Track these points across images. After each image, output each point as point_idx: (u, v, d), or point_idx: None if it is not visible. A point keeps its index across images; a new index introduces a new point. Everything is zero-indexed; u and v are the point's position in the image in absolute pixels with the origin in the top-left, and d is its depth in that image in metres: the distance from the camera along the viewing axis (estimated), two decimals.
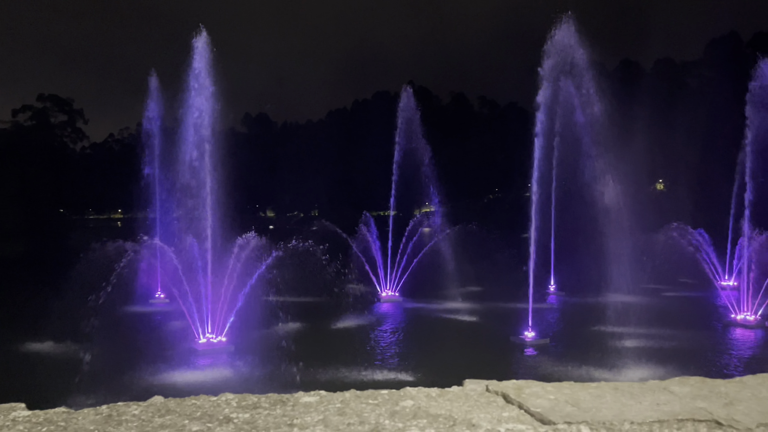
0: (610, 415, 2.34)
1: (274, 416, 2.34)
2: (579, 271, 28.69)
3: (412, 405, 2.46)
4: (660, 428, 2.17)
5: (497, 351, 17.98)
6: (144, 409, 2.43)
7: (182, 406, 2.45)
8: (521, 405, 2.43)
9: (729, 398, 2.48)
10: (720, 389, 2.64)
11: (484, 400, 2.56)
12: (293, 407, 2.45)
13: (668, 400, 2.45)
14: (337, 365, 15.73)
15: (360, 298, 27.19)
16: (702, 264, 28.01)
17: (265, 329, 19.32)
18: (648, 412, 2.34)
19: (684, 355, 16.98)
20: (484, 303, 26.13)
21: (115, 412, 2.39)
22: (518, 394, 2.56)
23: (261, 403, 2.49)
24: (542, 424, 2.24)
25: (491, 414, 2.35)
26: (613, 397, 2.49)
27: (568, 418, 2.26)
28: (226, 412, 2.36)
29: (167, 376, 15.26)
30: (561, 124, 27.96)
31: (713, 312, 25.11)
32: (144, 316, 24.44)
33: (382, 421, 2.29)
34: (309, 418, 2.31)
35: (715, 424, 2.20)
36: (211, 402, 2.49)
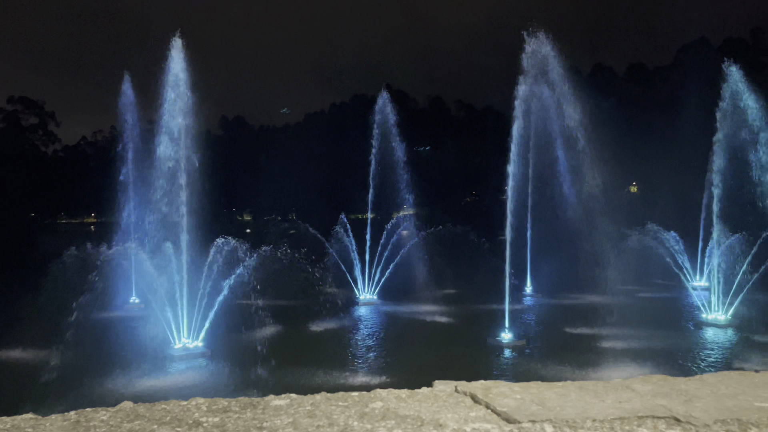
0: (573, 413, 2.40)
1: (244, 420, 2.35)
2: (555, 272, 29.06)
3: (382, 406, 2.49)
4: (621, 425, 2.24)
5: (474, 353, 18.10)
6: (113, 414, 2.42)
7: (152, 411, 2.45)
8: (488, 405, 2.48)
9: (689, 395, 2.57)
10: (680, 387, 2.73)
11: (453, 400, 2.60)
12: (263, 410, 2.46)
13: (630, 397, 2.53)
14: (314, 368, 15.70)
15: (338, 301, 27.14)
16: (674, 265, 28.54)
17: (243, 333, 19.18)
18: (610, 410, 2.40)
19: (656, 354, 17.28)
20: (461, 305, 26.29)
21: (83, 417, 2.37)
22: (486, 394, 2.61)
23: (231, 406, 2.50)
24: (507, 423, 2.29)
25: (458, 414, 2.39)
26: (577, 396, 2.56)
27: (533, 417, 2.31)
28: (195, 417, 2.36)
29: (142, 381, 15.07)
30: (536, 128, 28.31)
31: (685, 312, 25.59)
32: (118, 322, 24.07)
33: (351, 422, 2.32)
34: (279, 420, 2.32)
35: (674, 420, 2.28)
36: (181, 407, 2.48)
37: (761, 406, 2.47)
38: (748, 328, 21.26)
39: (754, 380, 2.86)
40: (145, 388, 14.42)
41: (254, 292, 18.75)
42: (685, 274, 30.01)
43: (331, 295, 27.77)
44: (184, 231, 19.36)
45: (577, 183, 24.00)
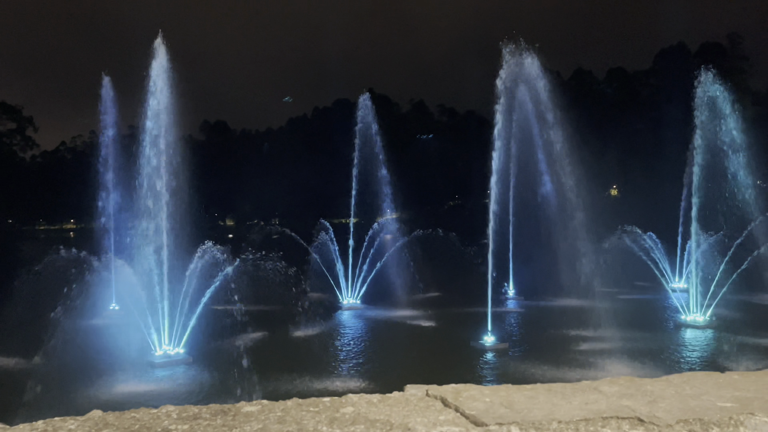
0: (540, 415, 2.44)
1: (214, 426, 2.36)
2: (537, 275, 29.27)
3: (352, 411, 2.51)
4: (585, 426, 2.30)
5: (458, 356, 18.17)
6: (81, 423, 2.41)
7: (121, 419, 2.44)
8: (458, 408, 2.51)
9: (653, 396, 2.64)
10: (646, 388, 2.79)
11: (423, 404, 2.64)
12: (234, 417, 2.47)
13: (596, 399, 2.59)
14: (296, 374, 15.65)
15: (321, 306, 27.09)
16: (654, 267, 28.92)
17: (225, 340, 19.06)
18: (576, 411, 2.45)
19: (636, 355, 17.49)
20: (444, 308, 26.37)
21: (51, 427, 2.36)
22: (456, 397, 2.64)
23: (202, 413, 2.50)
24: (475, 426, 2.32)
25: (428, 418, 2.43)
26: (545, 398, 2.61)
27: (500, 420, 2.35)
28: (165, 425, 2.36)
29: (121, 389, 14.90)
30: (518, 132, 28.53)
31: (665, 313, 25.92)
32: (98, 329, 23.76)
33: (321, 428, 2.34)
34: (248, 427, 2.33)
35: (638, 421, 2.33)
36: (151, 414, 2.48)
37: (723, 406, 2.55)
38: (726, 328, 21.61)
39: (719, 381, 2.95)
40: (124, 395, 14.27)
41: (237, 298, 18.65)
42: (665, 275, 30.41)
43: (314, 301, 27.71)
44: (166, 237, 19.20)
45: (557, 187, 24.23)
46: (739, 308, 24.16)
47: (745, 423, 2.36)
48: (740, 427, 2.33)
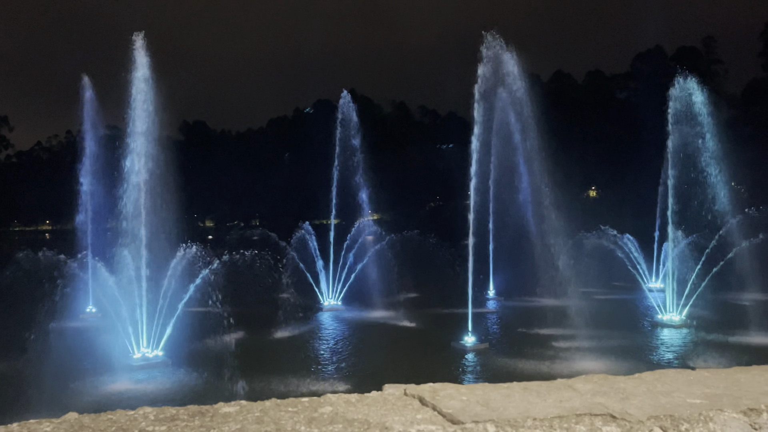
0: (515, 413, 2.48)
1: (192, 428, 2.36)
2: (517, 276, 29.47)
3: (331, 411, 2.53)
4: (560, 423, 2.34)
5: (438, 357, 18.23)
6: (56, 426, 2.39)
7: (97, 422, 2.43)
8: (435, 407, 2.55)
9: (626, 393, 2.71)
10: (619, 385, 2.86)
11: (401, 403, 2.67)
12: (212, 418, 2.47)
13: (570, 396, 2.64)
14: (275, 375, 15.59)
15: (302, 307, 27.00)
16: (631, 268, 29.32)
17: (205, 341, 18.92)
18: (550, 409, 2.49)
19: (613, 353, 17.73)
20: (425, 309, 26.45)
21: (26, 429, 2.34)
22: (433, 396, 2.68)
23: (179, 415, 2.50)
24: (452, 424, 2.35)
25: (405, 417, 2.45)
26: (521, 396, 2.66)
27: (476, 418, 2.39)
28: (142, 426, 2.36)
29: (99, 392, 14.72)
30: (498, 135, 28.73)
31: (642, 313, 26.28)
32: (74, 332, 23.41)
33: (299, 428, 2.36)
34: (226, 427, 2.34)
35: (610, 417, 2.39)
36: (128, 416, 2.47)
37: (693, 403, 2.62)
38: (701, 327, 21.98)
39: (689, 378, 3.03)
40: (101, 398, 14.09)
41: (217, 300, 18.51)
42: (642, 275, 30.84)
43: (295, 302, 27.60)
44: (144, 238, 18.99)
45: (536, 188, 24.45)
46: (714, 308, 24.58)
47: (715, 419, 2.42)
48: (709, 423, 2.40)
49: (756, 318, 21.64)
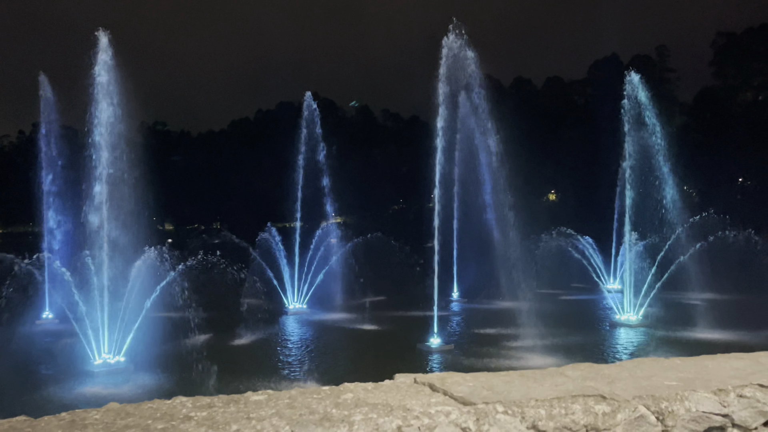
0: (518, 395, 2.76)
1: (230, 413, 2.50)
2: (480, 278, 30.00)
3: (352, 397, 2.73)
4: (558, 403, 2.64)
5: (405, 359, 18.43)
6: (104, 413, 2.51)
7: (139, 409, 2.55)
8: (446, 392, 2.78)
9: (611, 378, 3.05)
10: (604, 371, 3.21)
11: (414, 390, 2.89)
12: (245, 405, 2.63)
13: (564, 381, 2.96)
14: (242, 379, 15.52)
15: (267, 311, 26.88)
16: (590, 269, 30.19)
17: (168, 346, 18.66)
18: (548, 392, 2.80)
19: (574, 351, 18.28)
20: (390, 312, 26.67)
21: (77, 417, 2.44)
22: (442, 383, 2.92)
23: (214, 402, 2.65)
24: (465, 405, 2.58)
25: (421, 400, 2.68)
26: (520, 382, 2.95)
27: (486, 399, 2.64)
28: (184, 412, 2.49)
29: (59, 400, 14.38)
30: (461, 138, 29.23)
31: (601, 313, 27.08)
32: (30, 338, 22.79)
33: (330, 410, 2.54)
34: (263, 412, 2.49)
35: (601, 398, 2.72)
36: (167, 404, 2.61)
37: (670, 384, 2.98)
38: (657, 326, 22.83)
39: (664, 365, 3.42)
40: (61, 406, 13.78)
41: (180, 304, 18.32)
42: (600, 277, 31.78)
43: (259, 306, 27.46)
44: (104, 241, 18.63)
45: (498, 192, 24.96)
46: (669, 307, 25.53)
47: (689, 398, 2.80)
48: (685, 402, 2.77)
49: (707, 316, 22.64)
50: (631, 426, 2.57)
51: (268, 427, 2.27)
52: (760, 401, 2.83)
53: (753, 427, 2.84)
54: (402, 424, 2.32)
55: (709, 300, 27.22)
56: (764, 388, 2.92)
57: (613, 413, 2.57)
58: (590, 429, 2.52)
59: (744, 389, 2.88)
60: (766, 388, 2.92)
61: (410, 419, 2.34)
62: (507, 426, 2.41)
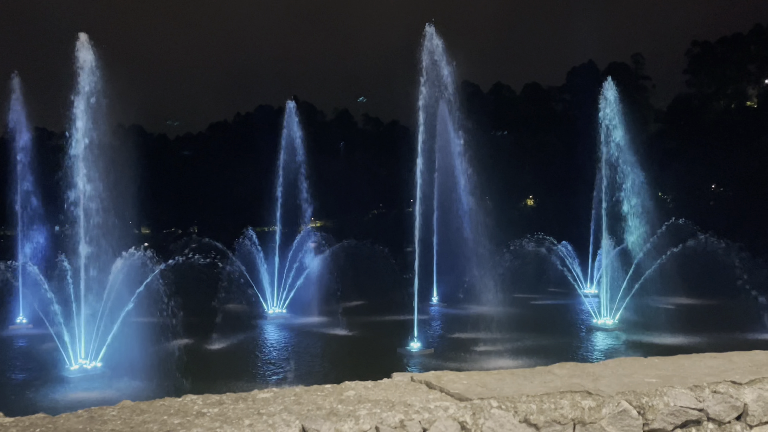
0: (510, 391, 2.94)
1: (240, 409, 2.59)
2: (459, 282, 30.22)
3: (354, 394, 2.85)
4: (548, 398, 2.80)
5: (385, 363, 18.49)
6: (119, 410, 2.58)
7: (153, 406, 2.62)
8: (442, 389, 2.92)
9: (596, 376, 3.26)
10: (589, 370, 3.42)
11: (411, 387, 3.03)
12: (253, 401, 2.72)
13: (552, 379, 3.15)
14: (221, 384, 15.45)
15: (246, 316, 26.77)
16: (567, 274, 30.57)
17: (147, 351, 18.46)
18: (538, 388, 2.99)
19: (553, 354, 18.51)
20: (370, 316, 26.73)
21: (95, 414, 2.50)
22: (438, 381, 3.06)
23: (224, 399, 2.74)
24: (461, 401, 2.72)
25: (419, 397, 2.83)
26: (511, 380, 3.13)
27: (481, 396, 2.80)
28: (196, 409, 2.57)
29: (34, 405, 14.16)
30: (440, 143, 29.45)
31: (578, 318, 27.45)
32: (4, 344, 22.40)
33: (335, 406, 2.65)
34: (272, 408, 2.59)
35: (587, 393, 2.91)
36: (178, 402, 2.68)
37: (650, 381, 3.19)
38: (633, 330, 23.23)
39: (644, 363, 3.64)
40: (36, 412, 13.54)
41: (159, 309, 18.18)
42: (578, 281, 32.21)
43: (238, 310, 27.34)
44: (80, 245, 18.39)
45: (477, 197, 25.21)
46: (645, 312, 25.98)
47: (668, 393, 3.00)
48: (664, 397, 2.97)
49: (681, 320, 23.12)
50: (615, 419, 2.76)
51: (279, 422, 2.37)
52: (733, 397, 3.05)
53: (726, 421, 3.05)
54: (404, 418, 2.45)
55: (683, 304, 27.78)
56: (737, 384, 3.13)
57: (599, 408, 2.75)
58: (577, 422, 2.70)
59: (718, 386, 3.10)
60: (738, 385, 3.12)
61: (411, 414, 2.47)
62: (501, 420, 2.56)
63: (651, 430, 2.89)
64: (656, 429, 2.90)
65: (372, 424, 2.42)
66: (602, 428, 2.74)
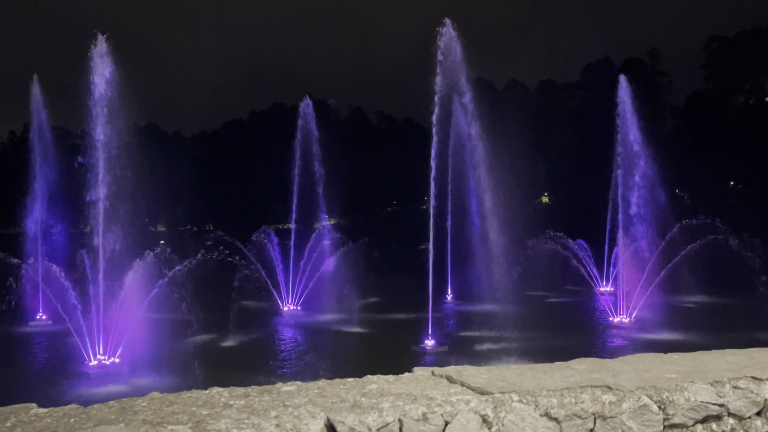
0: (531, 386, 2.98)
1: (266, 401, 2.65)
2: (474, 280, 30.16)
3: (377, 387, 2.90)
4: (568, 393, 2.83)
5: (400, 360, 18.53)
6: (149, 401, 2.64)
7: (181, 398, 2.68)
8: (463, 383, 2.96)
9: (615, 371, 3.27)
10: (608, 365, 3.44)
11: (432, 381, 3.07)
12: (278, 394, 2.77)
13: (572, 374, 3.16)
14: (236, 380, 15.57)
15: (261, 312, 26.95)
16: (583, 272, 30.42)
17: (163, 348, 18.68)
18: (558, 383, 3.01)
19: (569, 352, 18.36)
20: (385, 314, 26.77)
21: (126, 405, 2.58)
22: (459, 375, 3.10)
23: (249, 392, 2.80)
24: (482, 395, 2.75)
25: (441, 391, 2.87)
26: (531, 374, 3.15)
27: (501, 390, 2.84)
28: (223, 401, 2.63)
29: (55, 401, 14.37)
30: (454, 140, 29.39)
31: (594, 316, 27.29)
32: (24, 340, 22.76)
33: (359, 398, 2.70)
34: (296, 400, 2.65)
35: (607, 388, 2.93)
36: (205, 394, 2.75)
37: (670, 377, 3.19)
38: (650, 328, 23.04)
39: (663, 359, 3.64)
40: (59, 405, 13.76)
41: (176, 306, 18.36)
42: (594, 279, 32.02)
43: (254, 307, 27.52)
44: (99, 243, 18.63)
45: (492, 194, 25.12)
46: (662, 310, 25.77)
47: (688, 389, 3.01)
48: (684, 392, 2.98)
49: (698, 318, 22.91)
50: (635, 414, 2.77)
51: (305, 414, 2.41)
52: (753, 392, 3.05)
53: (747, 416, 3.06)
54: (427, 411, 2.48)
55: (701, 302, 27.51)
56: (757, 380, 3.13)
57: (619, 402, 2.77)
58: (598, 417, 2.72)
59: (738, 381, 3.11)
60: (758, 380, 3.12)
61: (434, 407, 2.51)
62: (522, 413, 2.59)
63: (671, 425, 2.90)
64: (676, 424, 2.91)
65: (395, 417, 2.46)
66: (623, 423, 2.76)
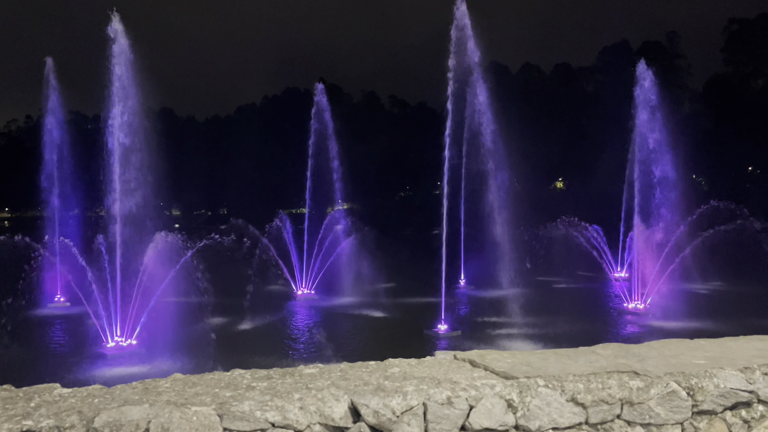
0: (556, 370, 2.92)
1: (288, 383, 2.64)
2: (487, 265, 30.09)
3: (399, 371, 2.88)
4: (595, 378, 2.78)
5: (413, 344, 18.58)
6: (172, 382, 2.65)
7: (204, 379, 2.69)
8: (486, 367, 2.92)
9: (641, 356, 3.22)
10: (634, 350, 3.38)
11: (455, 365, 3.04)
12: (300, 377, 2.76)
13: (597, 359, 3.11)
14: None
15: (275, 296, 27.09)
16: (597, 257, 30.19)
17: (179, 330, 18.86)
18: (584, 368, 2.96)
19: (583, 338, 18.34)
20: (398, 298, 26.79)
21: (149, 386, 2.59)
22: (482, 359, 3.06)
23: (272, 375, 2.80)
24: (507, 379, 2.72)
25: (464, 375, 2.82)
26: (555, 359, 3.09)
27: (527, 374, 2.79)
28: (245, 383, 2.63)
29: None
30: (468, 125, 29.17)
31: (608, 301, 27.14)
32: (43, 321, 23.10)
33: (382, 381, 2.68)
34: (319, 383, 2.64)
35: (634, 374, 2.87)
36: (228, 376, 2.75)
37: (698, 363, 3.15)
38: (664, 315, 22.87)
39: (690, 345, 3.59)
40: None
41: (191, 289, 18.51)
42: (608, 265, 31.79)
43: (267, 291, 27.67)
44: (117, 225, 18.80)
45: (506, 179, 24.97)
46: (677, 296, 25.55)
47: (718, 375, 2.96)
48: (714, 378, 2.94)
49: (715, 305, 22.69)
50: (663, 400, 2.72)
51: (328, 396, 2.40)
52: None
53: None
54: (451, 395, 2.45)
55: (717, 290, 27.24)
56: None
57: (647, 388, 2.72)
58: (625, 402, 2.67)
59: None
60: None
61: (458, 391, 2.47)
62: (548, 398, 2.54)
63: (700, 411, 2.85)
64: (705, 410, 2.86)
65: (420, 400, 2.42)
66: (650, 409, 2.71)
